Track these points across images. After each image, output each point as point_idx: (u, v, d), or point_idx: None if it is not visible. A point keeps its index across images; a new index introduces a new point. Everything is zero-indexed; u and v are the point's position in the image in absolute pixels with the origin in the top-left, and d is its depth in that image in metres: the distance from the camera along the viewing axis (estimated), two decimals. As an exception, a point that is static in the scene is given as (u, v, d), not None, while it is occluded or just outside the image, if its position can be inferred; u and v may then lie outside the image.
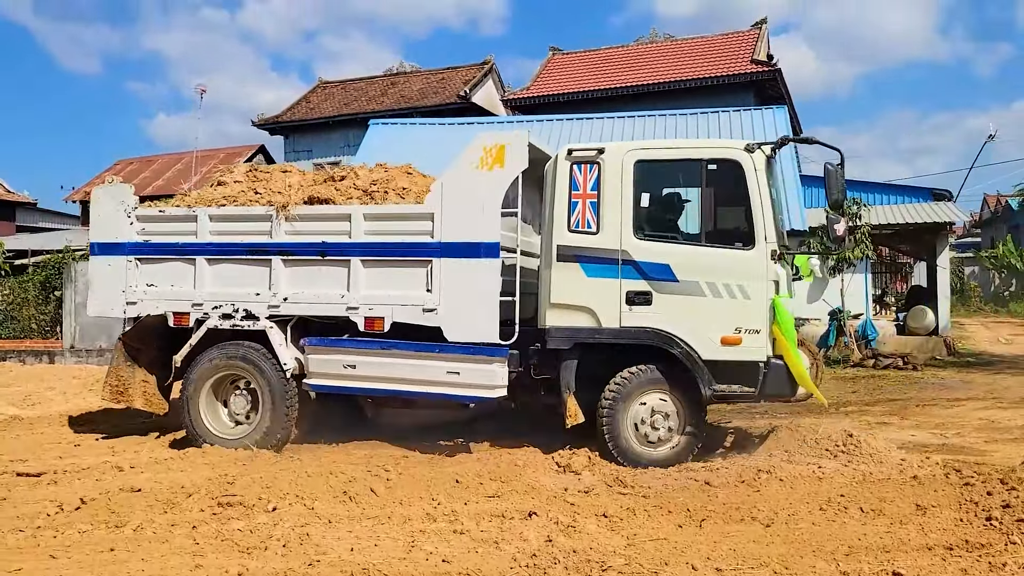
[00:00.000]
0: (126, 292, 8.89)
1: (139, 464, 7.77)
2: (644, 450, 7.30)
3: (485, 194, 7.60)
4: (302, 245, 8.25)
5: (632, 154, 7.54)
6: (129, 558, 4.80)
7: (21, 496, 6.53)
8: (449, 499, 6.06)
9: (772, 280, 7.06)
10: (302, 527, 5.42)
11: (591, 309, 7.48)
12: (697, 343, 7.17)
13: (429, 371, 7.78)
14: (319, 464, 7.09)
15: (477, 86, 24.91)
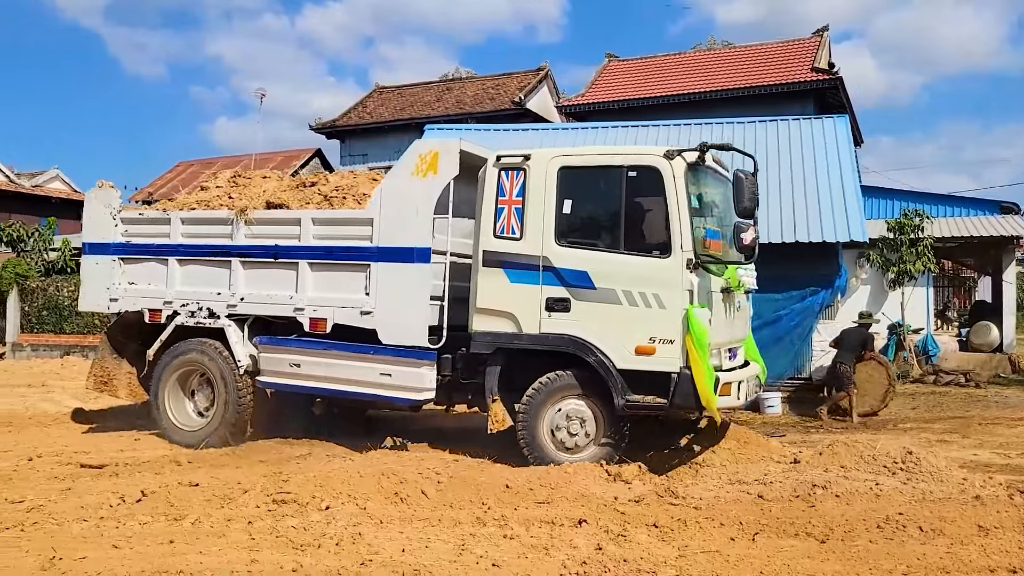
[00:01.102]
0: (110, 289, 9.44)
1: (196, 459, 7.95)
2: (560, 455, 7.30)
3: (419, 200, 7.73)
4: (258, 248, 8.62)
5: (556, 160, 7.53)
6: (188, 551, 4.91)
7: (85, 487, 6.73)
8: (499, 504, 6.08)
9: (687, 289, 6.90)
10: (354, 526, 5.48)
11: (513, 315, 7.49)
12: (612, 352, 7.10)
13: (364, 372, 7.98)
14: (371, 465, 7.15)
15: (532, 92, 24.96)
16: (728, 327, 7.51)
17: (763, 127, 15.00)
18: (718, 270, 7.22)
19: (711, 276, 7.12)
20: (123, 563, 4.51)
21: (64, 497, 6.29)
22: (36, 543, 4.97)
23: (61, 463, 7.88)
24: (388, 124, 25.38)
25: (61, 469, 7.63)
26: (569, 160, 7.58)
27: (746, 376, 7.49)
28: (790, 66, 21.99)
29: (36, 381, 14.94)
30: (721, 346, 7.31)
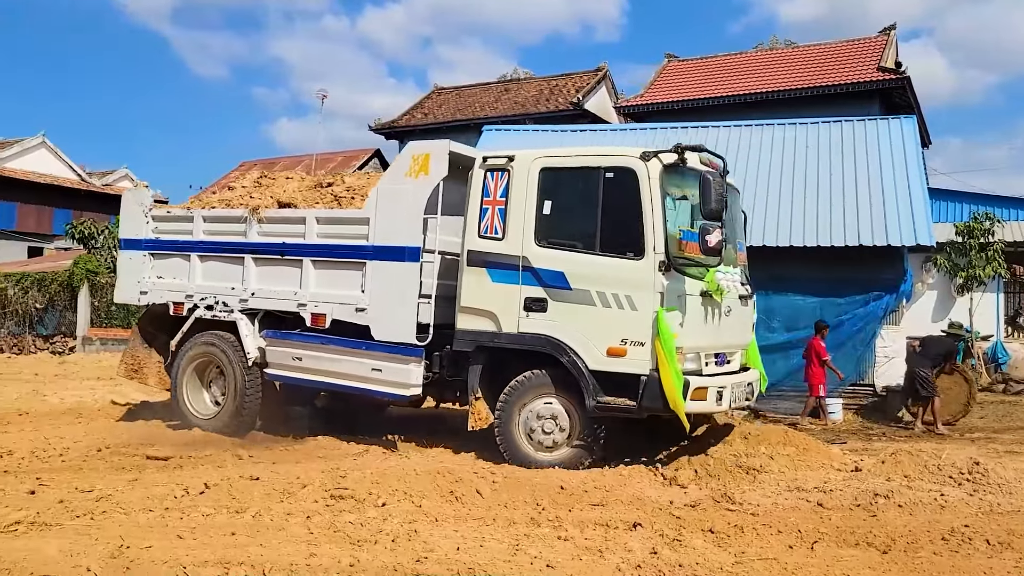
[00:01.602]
0: (141, 282, 9.95)
1: (256, 453, 8.12)
2: (536, 454, 7.36)
3: (410, 200, 7.93)
4: (267, 245, 9.00)
5: (538, 162, 7.59)
6: (249, 543, 5.02)
7: (151, 478, 6.91)
8: (553, 505, 6.08)
9: (659, 292, 6.88)
10: (410, 523, 5.54)
11: (494, 314, 7.58)
12: (585, 352, 7.14)
13: (358, 367, 8.25)
14: (427, 463, 7.22)
15: (590, 93, 24.90)
16: (713, 331, 7.38)
17: (826, 128, 14.72)
18: (699, 273, 7.12)
19: (688, 279, 7.04)
20: (188, 553, 4.63)
21: (131, 488, 6.47)
22: (105, 531, 5.13)
23: (128, 454, 8.12)
24: (447, 125, 25.53)
25: (128, 460, 7.86)
26: (550, 161, 7.63)
27: (732, 382, 7.39)
28: (855, 65, 21.51)
29: (105, 374, 15.39)
30: (703, 350, 7.25)
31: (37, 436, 9.05)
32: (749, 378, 7.85)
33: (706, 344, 7.31)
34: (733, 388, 7.37)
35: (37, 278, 21.74)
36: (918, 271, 16.43)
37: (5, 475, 7.12)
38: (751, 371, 8.05)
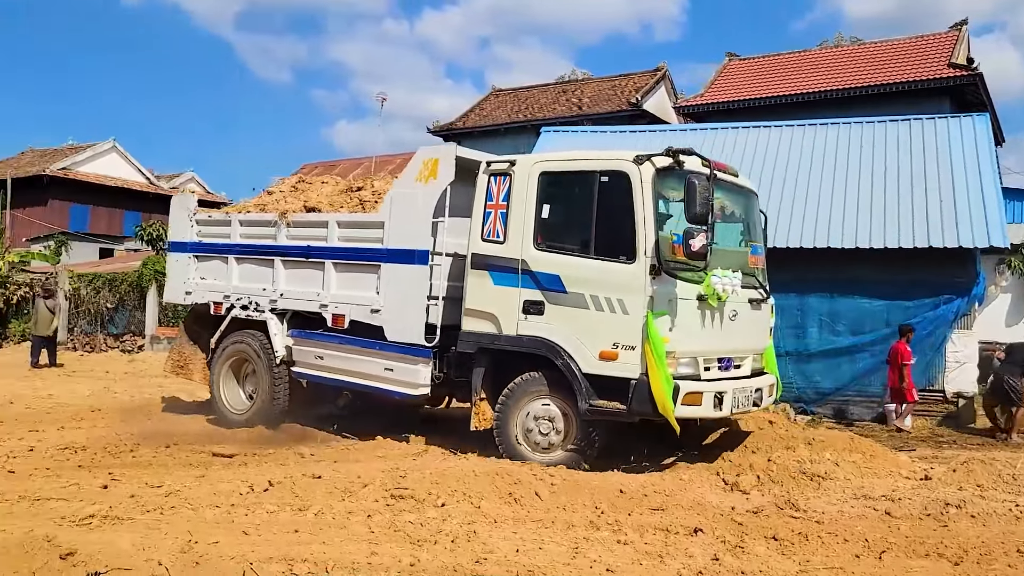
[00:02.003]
0: (186, 283, 10.48)
1: (318, 452, 8.24)
2: (532, 455, 7.45)
3: (420, 204, 8.14)
4: (294, 248, 9.37)
5: (538, 166, 7.71)
6: (311, 540, 5.09)
7: (217, 475, 7.08)
8: (613, 508, 6.04)
9: (648, 296, 6.88)
10: (469, 524, 5.55)
11: (495, 316, 7.71)
12: (578, 355, 7.20)
13: (372, 366, 8.54)
14: (485, 464, 7.24)
15: (649, 93, 24.70)
16: (713, 336, 7.32)
17: (895, 126, 14.35)
18: (694, 277, 7.05)
19: (682, 283, 6.99)
20: (253, 549, 4.71)
21: (198, 484, 6.63)
22: (174, 526, 5.26)
23: (195, 451, 8.32)
24: (504, 126, 25.61)
25: (195, 457, 8.06)
26: (549, 165, 7.72)
27: (734, 387, 7.31)
28: (925, 62, 20.92)
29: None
30: (701, 355, 7.21)
31: (109, 432, 9.34)
32: (759, 383, 7.73)
33: (704, 349, 7.27)
34: (735, 393, 7.30)
35: (108, 278, 22.41)
36: (991, 274, 15.89)
37: (79, 470, 7.37)
38: (764, 376, 7.96)
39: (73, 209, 34.32)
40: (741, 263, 7.75)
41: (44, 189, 33.34)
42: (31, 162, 35.78)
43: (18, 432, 9.34)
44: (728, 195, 7.85)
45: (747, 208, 8.24)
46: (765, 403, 7.98)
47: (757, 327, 7.95)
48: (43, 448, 8.39)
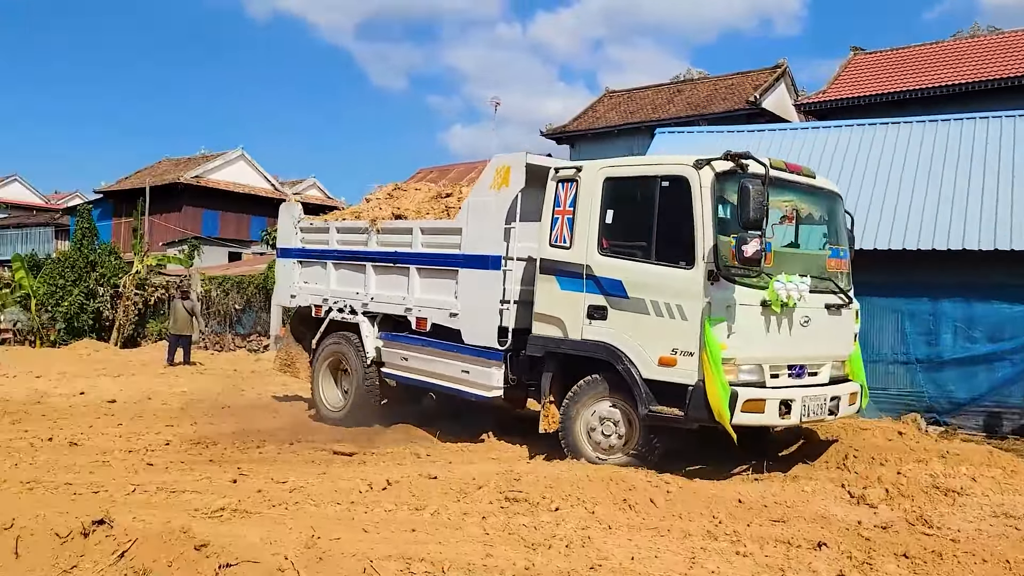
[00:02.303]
0: (291, 287, 11.13)
1: (434, 453, 8.39)
2: (594, 455, 7.55)
3: (494, 211, 8.37)
4: (384, 254, 9.80)
5: (603, 171, 7.73)
6: (428, 540, 5.17)
7: (337, 472, 7.30)
8: (731, 519, 5.88)
9: (706, 301, 6.82)
10: (583, 529, 5.52)
11: (561, 320, 7.82)
12: (639, 361, 7.22)
13: (451, 368, 8.86)
14: (599, 470, 7.18)
15: (768, 91, 24.01)
16: (781, 343, 7.15)
17: (1035, 120, 13.41)
18: (759, 282, 6.92)
19: (742, 289, 6.85)
20: (372, 547, 4.82)
21: (320, 481, 6.85)
22: (298, 521, 5.45)
23: (316, 449, 8.61)
24: (618, 128, 25.43)
25: (317, 455, 8.34)
26: (614, 171, 7.74)
27: (804, 394, 7.14)
28: (1071, 50, 19.52)
29: (296, 371, 16.38)
30: (766, 361, 7.09)
31: (237, 428, 9.78)
32: (836, 391, 7.49)
33: (770, 355, 7.15)
34: (806, 401, 7.15)
35: (236, 281, 23.48)
36: None
37: (210, 464, 7.75)
38: (845, 384, 7.73)
39: (205, 215, 36.17)
40: (816, 267, 7.64)
41: (178, 196, 35.26)
42: (167, 171, 37.94)
43: (156, 427, 9.92)
44: (803, 197, 7.75)
45: (828, 210, 8.05)
46: (844, 412, 7.73)
47: (836, 333, 7.71)
48: (178, 442, 8.88)
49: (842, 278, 7.87)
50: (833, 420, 7.81)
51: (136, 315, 23.16)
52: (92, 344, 21.11)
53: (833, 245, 7.98)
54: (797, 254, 7.89)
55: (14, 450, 8.29)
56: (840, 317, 7.68)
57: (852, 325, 7.93)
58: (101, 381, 14.38)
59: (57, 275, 22.51)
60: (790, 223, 7.99)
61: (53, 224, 42.48)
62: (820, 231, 8.15)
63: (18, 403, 11.65)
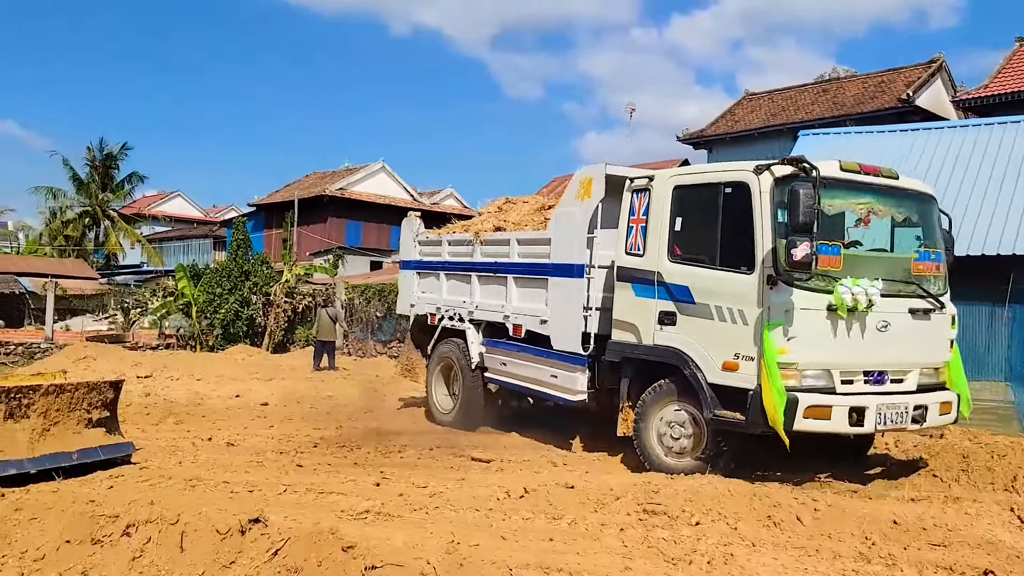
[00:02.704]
0: (410, 297, 11.88)
1: (571, 462, 8.37)
2: (666, 459, 7.66)
3: (578, 221, 8.64)
4: (486, 264, 10.28)
5: (672, 180, 7.89)
6: (566, 550, 5.15)
7: (475, 479, 7.39)
8: (885, 540, 5.56)
9: (766, 306, 6.83)
10: (725, 546, 5.36)
11: (635, 326, 8.00)
12: (704, 365, 7.30)
13: (542, 373, 9.22)
14: (742, 484, 6.96)
15: (922, 87, 22.68)
16: (857, 348, 7.04)
17: None
18: (825, 286, 6.87)
19: (803, 292, 6.81)
20: (511, 554, 4.85)
21: (459, 487, 6.96)
22: (438, 526, 5.55)
23: (455, 455, 8.75)
24: (758, 131, 24.68)
25: (456, 460, 8.48)
26: (682, 179, 7.90)
27: (879, 402, 6.99)
28: None
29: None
30: (839, 367, 7.01)
31: (380, 433, 10.09)
32: (923, 399, 7.29)
33: (840, 361, 7.04)
34: (881, 409, 6.99)
35: (377, 289, 24.25)
36: None
37: (355, 467, 8.02)
38: (939, 392, 7.51)
39: (348, 225, 37.63)
40: (901, 270, 7.52)
41: (324, 208, 36.85)
42: (313, 184, 39.73)
43: (305, 429, 10.39)
44: (883, 199, 7.52)
45: (916, 212, 7.85)
46: (934, 422, 7.52)
47: (924, 339, 7.47)
48: (325, 445, 9.25)
49: (932, 282, 7.62)
50: (919, 429, 7.61)
51: (286, 322, 24.30)
52: (246, 349, 22.31)
53: (925, 247, 7.74)
54: (877, 257, 7.72)
55: (178, 449, 8.87)
56: (929, 322, 7.45)
57: (947, 330, 7.66)
58: (254, 385, 15.18)
59: (215, 284, 23.95)
60: (866, 225, 7.75)
61: (211, 236, 45.44)
62: (906, 233, 7.89)
63: (181, 405, 12.47)
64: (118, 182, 44.41)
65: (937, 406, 7.42)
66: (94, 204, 43.45)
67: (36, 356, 20.05)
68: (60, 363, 16.06)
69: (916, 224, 7.87)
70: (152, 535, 4.74)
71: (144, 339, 25.10)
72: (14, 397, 7.15)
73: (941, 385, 7.61)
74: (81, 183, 43.35)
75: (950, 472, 7.82)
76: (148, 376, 15.62)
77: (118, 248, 44.61)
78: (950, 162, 13.14)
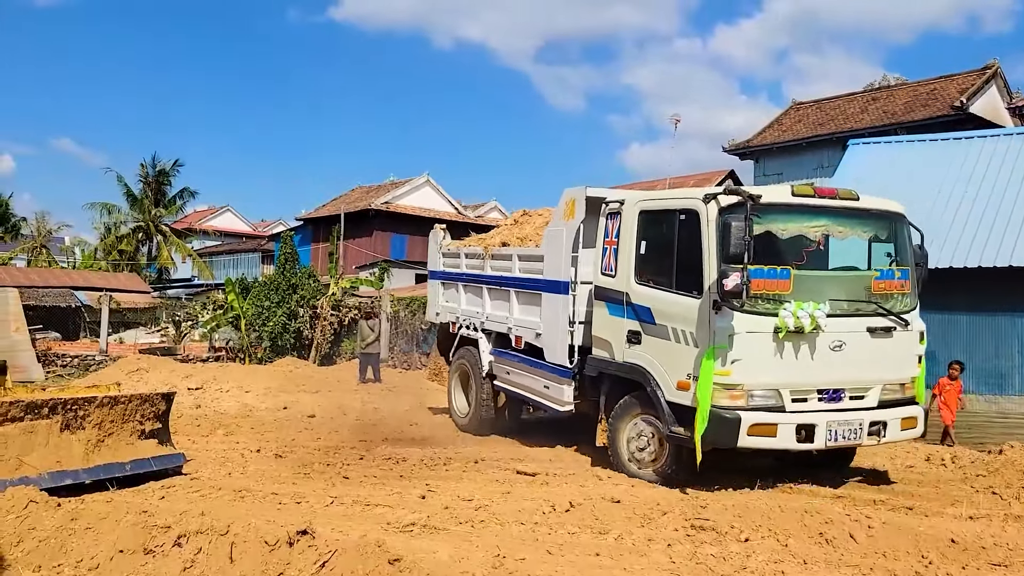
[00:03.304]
0: (436, 306, 12.52)
1: (615, 476, 8.29)
2: (633, 468, 8.09)
3: (564, 240, 9.08)
4: (494, 277, 10.80)
5: (639, 204, 8.25)
6: (612, 566, 5.10)
7: (521, 492, 7.36)
8: (943, 560, 5.42)
9: (713, 329, 7.10)
10: (775, 563, 5.27)
11: (610, 343, 8.42)
12: (663, 384, 7.64)
13: (537, 383, 9.70)
14: (791, 499, 6.84)
15: (976, 94, 22.16)
16: (807, 367, 7.26)
17: None
18: (768, 309, 7.08)
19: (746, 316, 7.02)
20: (557, 569, 4.81)
21: (504, 500, 6.93)
22: (484, 539, 5.53)
23: (500, 468, 8.73)
24: (806, 141, 24.34)
25: (501, 474, 8.45)
26: (647, 204, 8.22)
27: (828, 419, 7.22)
28: None
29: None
30: (788, 387, 7.25)
31: (424, 444, 10.12)
32: (879, 416, 7.46)
33: (788, 381, 7.27)
34: (832, 425, 7.24)
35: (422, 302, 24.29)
36: None
37: (401, 479, 8.05)
38: (902, 408, 7.65)
39: (393, 239, 37.94)
40: (859, 289, 7.72)
41: (369, 221, 37.22)
42: (359, 198, 40.18)
43: (351, 441, 10.45)
44: (841, 221, 7.58)
45: (879, 230, 7.99)
46: (894, 436, 7.71)
47: (885, 356, 7.57)
48: (371, 457, 9.29)
49: (897, 299, 7.72)
50: (877, 444, 7.71)
51: (332, 334, 24.55)
52: (293, 362, 22.57)
53: (884, 266, 7.87)
54: (835, 276, 8.03)
55: (228, 460, 8.99)
56: (890, 339, 7.56)
57: (914, 346, 7.77)
58: (301, 397, 15.33)
59: (263, 297, 24.31)
60: (822, 247, 7.96)
61: (260, 250, 46.14)
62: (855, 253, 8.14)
63: (231, 416, 12.65)
64: (170, 198, 45.43)
65: (898, 421, 7.56)
66: (147, 219, 44.47)
67: (91, 368, 20.51)
68: (114, 375, 16.41)
69: (885, 241, 8.00)
70: (202, 546, 4.79)
71: (195, 351, 25.55)
72: (70, 409, 7.32)
73: (909, 400, 7.75)
74: (135, 199, 44.41)
75: (1010, 489, 7.58)
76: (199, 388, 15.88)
77: (170, 262, 45.57)
78: (1006, 171, 12.83)
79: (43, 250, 48.64)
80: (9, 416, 6.92)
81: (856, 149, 15.16)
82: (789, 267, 7.26)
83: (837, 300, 7.44)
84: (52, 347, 23.63)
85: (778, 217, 7.29)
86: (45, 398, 7.41)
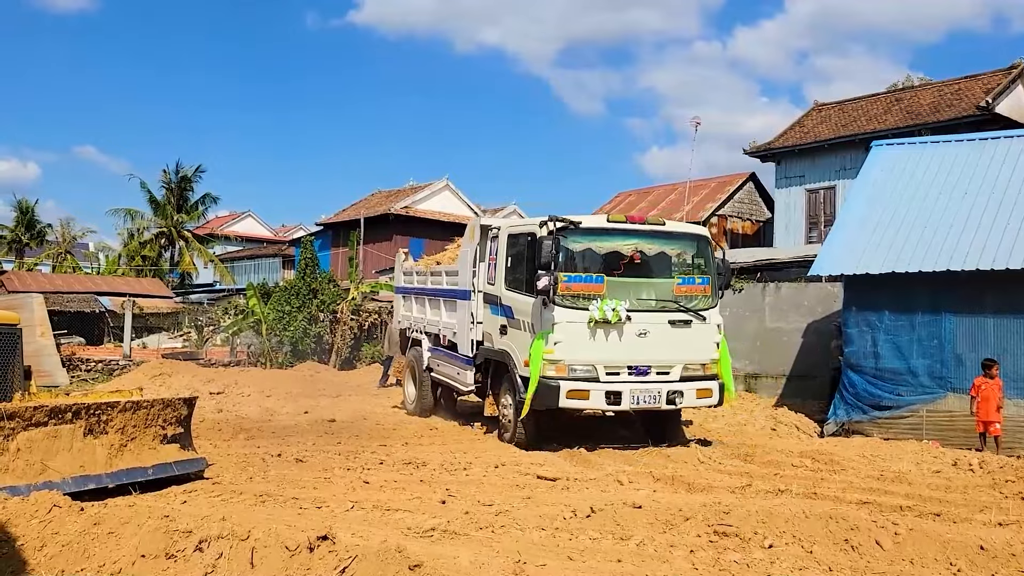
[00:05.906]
0: (398, 315, 15.57)
1: (636, 480, 8.23)
2: (507, 433, 10.57)
3: (468, 258, 11.76)
4: (431, 290, 13.68)
5: (507, 229, 10.98)
6: (635, 572, 5.05)
7: (541, 497, 7.32)
8: (972, 567, 5.32)
9: (541, 320, 9.73)
10: (800, 570, 5.21)
11: (492, 335, 11.04)
12: (517, 363, 10.13)
13: (453, 370, 12.23)
14: (816, 505, 6.75)
15: (1002, 94, 21.85)
16: (616, 349, 9.72)
17: None
18: (582, 305, 9.59)
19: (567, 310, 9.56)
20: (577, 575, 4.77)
21: (525, 505, 6.89)
22: (504, 545, 5.50)
23: (520, 473, 8.69)
24: (828, 142, 24.12)
25: (521, 479, 8.41)
26: (512, 229, 10.91)
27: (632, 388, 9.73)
28: None
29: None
30: (601, 363, 9.74)
31: (444, 450, 10.12)
32: (678, 387, 9.89)
33: (600, 358, 9.72)
34: (635, 392, 9.76)
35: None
36: None
37: (422, 484, 8.02)
38: (701, 381, 10.05)
39: (412, 243, 37.91)
40: (664, 291, 10.18)
41: (388, 226, 37.25)
42: (378, 202, 40.26)
43: (371, 446, 10.46)
44: (650, 241, 10.04)
45: (684, 248, 10.49)
46: (691, 403, 10.18)
47: (685, 342, 10.02)
48: (391, 462, 9.28)
49: (699, 299, 10.15)
50: (675, 409, 10.26)
51: (352, 339, 24.63)
52: (314, 366, 22.67)
53: (684, 275, 10.37)
54: (646, 282, 10.25)
55: (249, 464, 9.01)
56: (688, 330, 10.02)
57: (713, 335, 10.18)
58: (322, 401, 15.41)
59: (284, 302, 24.42)
60: (637, 261, 10.00)
61: (280, 255, 46.34)
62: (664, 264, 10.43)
63: (252, 421, 12.71)
64: (192, 203, 45.73)
65: (694, 391, 10.01)
66: (169, 225, 44.82)
67: (115, 373, 20.69)
68: (137, 380, 16.54)
69: (696, 256, 10.50)
70: (224, 551, 4.78)
71: (217, 356, 25.70)
72: (94, 414, 7.36)
73: (710, 376, 10.16)
74: (157, 204, 44.78)
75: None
76: (220, 392, 15.99)
77: (192, 267, 45.88)
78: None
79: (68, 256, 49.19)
80: (34, 421, 6.95)
81: (879, 150, 14.97)
82: (603, 274, 9.69)
83: (644, 299, 10.03)
84: (76, 352, 23.85)
85: (596, 238, 9.95)
86: (69, 403, 7.45)
